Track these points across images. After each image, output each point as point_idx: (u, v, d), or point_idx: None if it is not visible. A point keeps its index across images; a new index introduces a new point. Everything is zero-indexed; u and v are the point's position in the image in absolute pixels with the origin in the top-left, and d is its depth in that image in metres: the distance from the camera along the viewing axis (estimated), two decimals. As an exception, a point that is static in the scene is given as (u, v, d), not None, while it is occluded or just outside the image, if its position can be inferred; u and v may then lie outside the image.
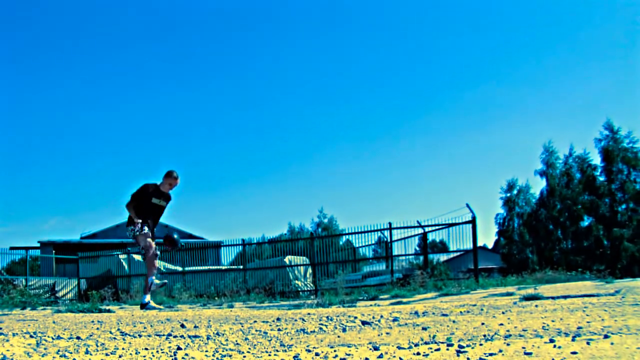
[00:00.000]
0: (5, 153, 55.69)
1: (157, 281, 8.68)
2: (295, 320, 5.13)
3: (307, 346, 3.29)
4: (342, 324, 4.52)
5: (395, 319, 4.76)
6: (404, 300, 10.25)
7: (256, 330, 4.31)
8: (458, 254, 18.80)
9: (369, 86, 68.17)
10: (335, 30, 66.41)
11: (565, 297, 7.64)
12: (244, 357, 2.95)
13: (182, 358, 2.96)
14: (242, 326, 4.73)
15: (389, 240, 18.59)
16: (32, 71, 61.49)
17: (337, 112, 68.55)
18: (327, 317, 5.22)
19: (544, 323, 3.83)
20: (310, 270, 19.65)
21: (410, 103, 68.67)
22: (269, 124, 69.29)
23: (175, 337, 4.06)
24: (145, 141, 64.92)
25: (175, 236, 8.88)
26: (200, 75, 66.96)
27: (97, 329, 4.87)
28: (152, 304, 8.59)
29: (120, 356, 3.08)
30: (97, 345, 3.60)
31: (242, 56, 66.43)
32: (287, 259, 19.78)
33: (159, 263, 8.77)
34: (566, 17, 62.16)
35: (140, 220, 8.40)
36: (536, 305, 5.92)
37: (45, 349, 3.46)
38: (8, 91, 57.98)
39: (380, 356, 2.76)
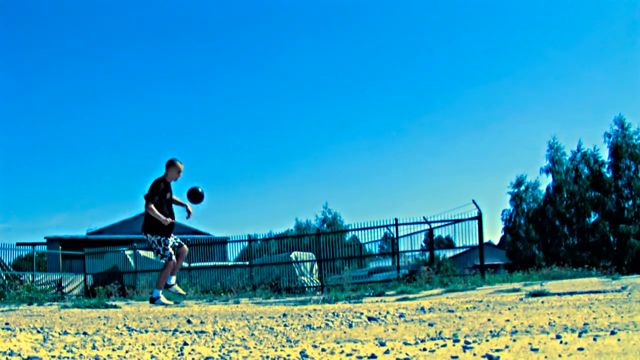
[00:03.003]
0: (11, 149, 55.92)
1: (178, 289, 8.77)
2: (302, 316, 5.14)
3: (314, 342, 3.30)
4: (349, 319, 4.52)
5: (401, 315, 4.76)
6: (410, 296, 10.25)
7: (262, 326, 4.31)
8: (464, 250, 18.79)
9: (375, 82, 68.09)
10: (340, 26, 66.33)
11: (571, 293, 7.62)
12: (250, 352, 2.96)
13: (189, 353, 2.97)
14: (249, 322, 4.74)
15: (395, 236, 18.57)
16: (38, 67, 61.71)
17: (342, 108, 68.52)
18: (333, 313, 5.22)
19: (550, 319, 3.82)
20: (316, 266, 19.67)
21: (417, 99, 68.55)
22: (275, 119, 69.31)
23: (181, 332, 4.07)
24: (151, 137, 65.03)
25: (200, 190, 8.60)
26: (206, 72, 67.04)
27: (104, 324, 4.89)
28: (163, 299, 8.53)
29: (126, 351, 3.08)
30: (104, 341, 3.61)
31: (247, 52, 66.47)
32: (293, 255, 19.79)
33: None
34: (575, 13, 61.86)
35: (164, 237, 8.33)
36: (542, 302, 5.91)
37: (52, 344, 3.47)
38: (14, 87, 58.19)
39: (387, 352, 2.76)
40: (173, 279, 8.65)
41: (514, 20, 64.11)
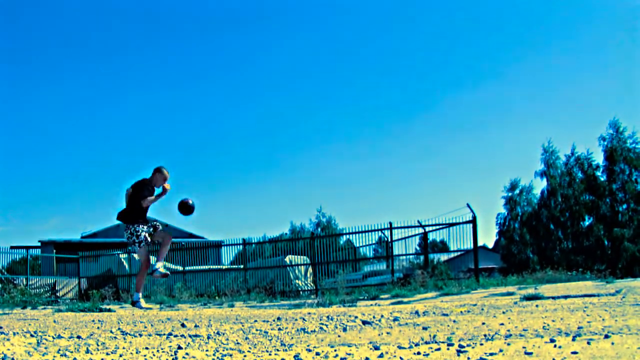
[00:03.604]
0: (5, 152, 55.75)
1: (161, 270, 8.67)
2: (296, 319, 5.13)
3: (308, 346, 3.29)
4: (343, 323, 4.52)
5: (395, 319, 4.76)
6: (405, 299, 10.25)
7: (257, 330, 4.31)
8: (458, 253, 18.82)
9: (369, 85, 68.09)
10: (336, 27, 66.41)
11: (565, 297, 7.64)
12: (245, 356, 2.95)
13: (183, 357, 2.96)
14: (243, 325, 4.74)
15: (389, 239, 18.60)
16: (33, 70, 61.54)
17: (337, 110, 68.52)
18: (328, 317, 5.22)
19: (544, 323, 3.83)
20: (310, 270, 19.67)
21: (411, 102, 68.57)
22: (269, 122, 69.23)
23: (175, 336, 4.06)
24: (145, 139, 64.76)
25: (191, 202, 8.63)
26: (199, 72, 66.88)
27: (98, 328, 4.87)
28: (143, 303, 8.68)
29: (120, 355, 3.08)
30: (98, 345, 3.60)
31: (241, 53, 66.38)
32: (287, 259, 19.79)
33: (161, 264, 8.75)
34: (573, 14, 62.09)
35: (143, 228, 8.44)
36: (537, 305, 5.93)
37: (45, 348, 3.46)
38: (8, 90, 57.99)
39: (381, 356, 2.76)
40: (159, 264, 8.67)
41: (509, 22, 64.35)
